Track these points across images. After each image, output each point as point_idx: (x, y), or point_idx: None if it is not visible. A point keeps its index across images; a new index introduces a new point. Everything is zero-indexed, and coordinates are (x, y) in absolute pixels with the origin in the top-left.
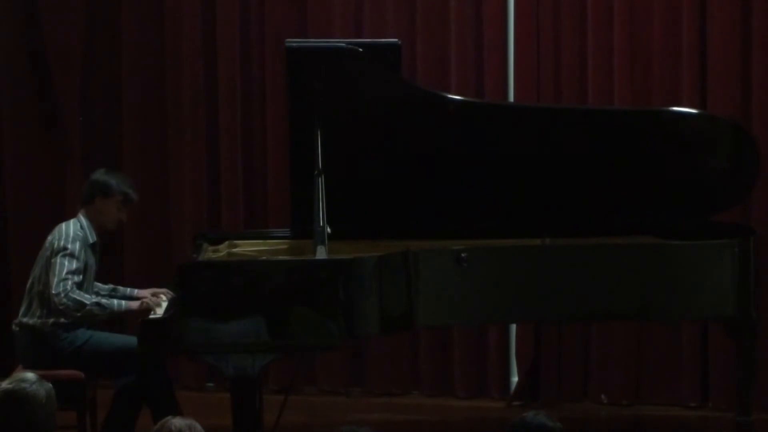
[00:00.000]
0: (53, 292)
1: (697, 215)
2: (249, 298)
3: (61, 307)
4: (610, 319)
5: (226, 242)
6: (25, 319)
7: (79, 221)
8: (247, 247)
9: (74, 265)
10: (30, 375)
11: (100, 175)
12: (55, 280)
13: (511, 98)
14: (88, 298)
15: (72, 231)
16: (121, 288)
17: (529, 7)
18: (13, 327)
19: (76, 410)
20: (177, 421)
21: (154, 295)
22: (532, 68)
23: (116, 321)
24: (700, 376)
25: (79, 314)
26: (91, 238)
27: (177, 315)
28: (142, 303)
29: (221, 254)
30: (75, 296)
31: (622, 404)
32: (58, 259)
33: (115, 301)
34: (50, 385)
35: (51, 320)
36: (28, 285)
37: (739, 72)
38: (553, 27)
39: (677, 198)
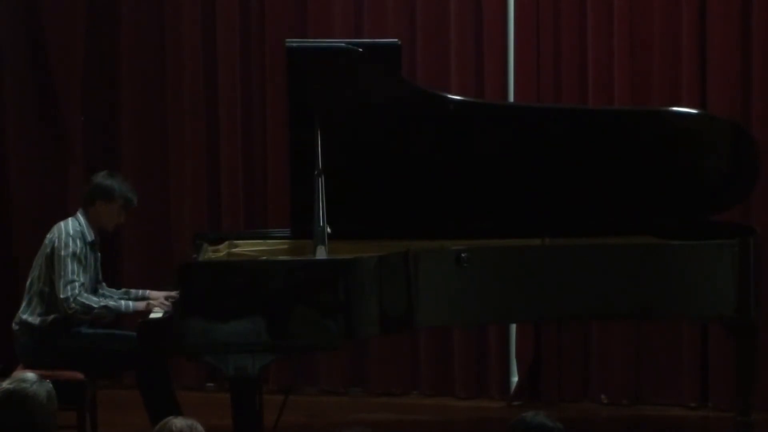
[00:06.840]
0: (61, 296)
1: (697, 215)
2: (249, 298)
3: (69, 312)
4: (610, 319)
5: (226, 242)
6: (25, 317)
7: (77, 219)
8: (247, 247)
9: (77, 265)
10: (30, 375)
11: (102, 178)
12: (61, 283)
13: (511, 98)
14: (95, 301)
15: (71, 229)
16: (133, 291)
17: (529, 7)
18: (14, 325)
19: (76, 410)
20: (178, 422)
21: (167, 298)
22: (532, 68)
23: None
24: (700, 376)
25: (87, 317)
26: (90, 236)
27: (177, 315)
28: (148, 304)
29: (221, 254)
30: (83, 300)
31: (622, 404)
32: (62, 261)
33: (123, 303)
34: (50, 385)
35: (51, 318)
36: (27, 283)
37: (739, 72)
38: (553, 27)
39: (677, 198)
